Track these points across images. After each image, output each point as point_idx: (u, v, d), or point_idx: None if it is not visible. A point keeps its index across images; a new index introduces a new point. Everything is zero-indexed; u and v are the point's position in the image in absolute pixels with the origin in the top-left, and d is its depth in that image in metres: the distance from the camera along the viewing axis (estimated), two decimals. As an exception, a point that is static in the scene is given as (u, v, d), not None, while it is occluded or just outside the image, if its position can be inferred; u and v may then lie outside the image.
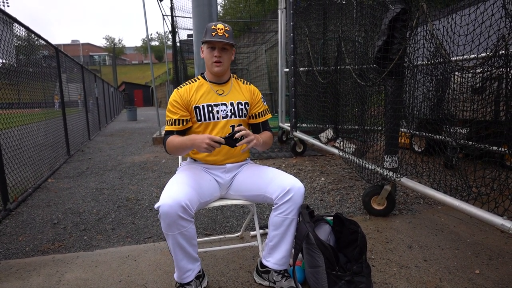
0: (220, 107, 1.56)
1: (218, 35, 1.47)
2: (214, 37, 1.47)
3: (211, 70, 1.56)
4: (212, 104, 1.55)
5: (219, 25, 1.50)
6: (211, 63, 1.53)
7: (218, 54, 1.50)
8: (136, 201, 2.92)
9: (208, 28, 1.50)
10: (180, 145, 1.47)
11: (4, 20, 3.01)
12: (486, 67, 1.61)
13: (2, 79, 2.93)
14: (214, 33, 1.48)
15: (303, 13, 4.18)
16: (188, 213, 1.29)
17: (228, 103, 1.57)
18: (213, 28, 1.48)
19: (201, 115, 1.54)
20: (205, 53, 1.54)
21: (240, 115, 1.59)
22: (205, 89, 1.58)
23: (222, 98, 1.58)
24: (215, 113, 1.55)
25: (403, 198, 2.81)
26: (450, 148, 2.29)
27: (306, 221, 1.40)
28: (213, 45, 1.50)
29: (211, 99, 1.56)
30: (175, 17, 7.95)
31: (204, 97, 1.56)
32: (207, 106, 1.54)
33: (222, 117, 1.56)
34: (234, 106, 1.58)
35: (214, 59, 1.51)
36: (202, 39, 1.53)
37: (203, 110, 1.54)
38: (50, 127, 4.50)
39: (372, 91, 2.62)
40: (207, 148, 1.36)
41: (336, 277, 1.31)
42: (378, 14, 2.36)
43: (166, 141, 1.53)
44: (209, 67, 1.56)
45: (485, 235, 2.06)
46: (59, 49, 5.01)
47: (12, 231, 2.32)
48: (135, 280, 1.65)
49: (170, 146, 1.51)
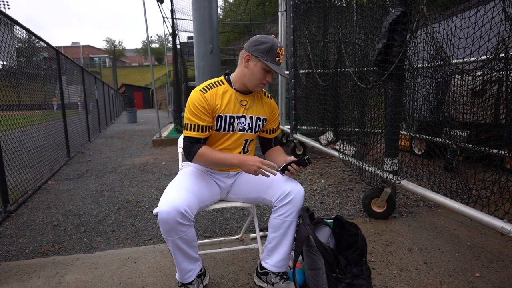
0: (240, 119, 1.50)
1: (280, 62, 1.41)
2: (277, 63, 1.40)
3: (252, 88, 1.46)
4: (234, 115, 1.48)
5: (282, 49, 1.40)
6: (258, 83, 1.43)
7: (271, 79, 1.44)
8: (136, 203, 2.92)
9: (273, 49, 1.37)
10: (222, 161, 1.39)
11: (5, 22, 3.02)
12: (486, 70, 1.62)
13: (2, 81, 2.93)
14: (278, 58, 1.39)
15: (303, 15, 4.20)
16: (187, 218, 1.28)
17: (248, 117, 1.51)
18: (278, 53, 1.38)
19: (221, 126, 1.47)
20: (255, 70, 1.40)
21: (256, 130, 1.56)
22: (230, 97, 1.48)
23: (244, 110, 1.50)
24: (235, 125, 1.49)
25: (403, 200, 2.81)
26: (450, 151, 2.29)
27: (306, 223, 1.40)
28: (271, 70, 1.41)
29: (234, 110, 1.48)
30: (176, 19, 7.97)
31: (229, 107, 1.47)
32: (229, 117, 1.47)
33: (239, 130, 1.51)
34: (253, 121, 1.53)
35: (265, 82, 1.43)
36: (259, 54, 1.38)
37: (225, 121, 1.47)
38: (50, 129, 4.51)
39: (372, 93, 2.63)
40: (256, 172, 1.33)
41: (336, 280, 1.31)
42: (378, 16, 2.37)
43: (199, 151, 1.40)
44: (251, 84, 1.44)
45: (485, 238, 2.06)
46: (59, 51, 5.02)
47: (12, 233, 2.32)
48: (135, 282, 1.64)
49: (205, 158, 1.41)
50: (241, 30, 15.65)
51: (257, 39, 1.40)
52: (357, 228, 1.47)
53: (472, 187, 1.80)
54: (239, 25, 14.25)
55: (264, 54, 1.38)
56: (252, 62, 1.41)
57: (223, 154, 1.42)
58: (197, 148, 1.42)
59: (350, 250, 1.47)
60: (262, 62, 1.38)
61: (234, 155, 1.41)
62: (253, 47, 1.40)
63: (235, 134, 1.51)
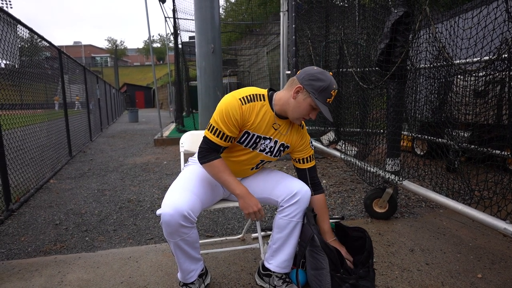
0: (266, 140, 1.44)
1: (330, 103, 1.34)
2: (326, 104, 1.32)
3: (293, 118, 1.39)
4: (262, 136, 1.42)
5: (336, 91, 1.33)
6: (300, 117, 1.37)
7: (315, 117, 1.38)
8: (137, 202, 2.92)
9: (328, 89, 1.30)
10: (227, 183, 1.36)
11: (8, 21, 3.03)
12: (489, 70, 1.61)
13: (5, 80, 2.94)
14: (329, 100, 1.32)
15: (305, 15, 4.20)
16: (189, 220, 1.27)
17: (273, 140, 1.45)
18: (332, 94, 1.31)
19: (245, 141, 1.42)
20: (303, 104, 1.33)
21: (275, 155, 1.49)
22: (265, 116, 1.40)
23: (274, 134, 1.44)
24: (259, 144, 1.44)
25: (404, 201, 2.80)
26: (452, 152, 2.29)
27: (311, 223, 1.39)
28: (318, 109, 1.35)
29: (264, 131, 1.42)
30: (177, 19, 7.98)
31: (260, 126, 1.40)
32: (257, 136, 1.41)
33: (259, 150, 1.46)
34: (276, 145, 1.46)
35: (307, 117, 1.37)
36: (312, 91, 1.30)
37: (250, 138, 1.41)
38: (52, 128, 4.52)
39: (374, 93, 2.62)
40: (247, 215, 1.34)
41: (341, 280, 1.30)
42: (380, 17, 2.36)
43: (213, 162, 1.36)
44: (293, 116, 1.37)
45: (488, 239, 2.05)
46: (61, 51, 5.04)
47: (14, 231, 2.33)
48: (136, 281, 1.65)
49: (215, 171, 1.36)
50: (243, 30, 15.66)
51: (314, 73, 1.31)
52: (362, 231, 1.45)
53: (475, 188, 1.79)
54: (240, 25, 14.26)
55: (317, 92, 1.30)
56: (302, 96, 1.32)
57: (231, 177, 1.36)
58: (213, 158, 1.36)
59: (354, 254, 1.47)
60: (312, 99, 1.31)
61: (239, 186, 1.36)
62: (307, 80, 1.31)
63: (254, 152, 1.46)
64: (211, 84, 4.80)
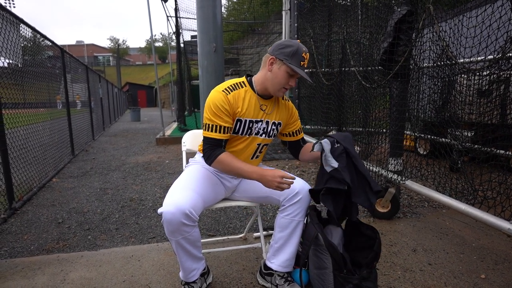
0: (258, 123, 1.47)
1: (304, 66, 1.37)
2: (301, 67, 1.36)
3: (274, 92, 1.42)
4: (253, 120, 1.45)
5: (307, 54, 1.37)
6: (281, 88, 1.39)
7: (295, 84, 1.41)
8: (139, 201, 2.93)
9: (298, 53, 1.34)
10: (241, 172, 1.32)
11: (11, 20, 3.04)
12: (493, 69, 1.60)
13: (8, 79, 2.95)
14: (303, 63, 1.36)
15: (308, 14, 4.18)
16: (191, 219, 1.27)
17: (264, 121, 1.48)
18: (303, 57, 1.35)
19: (239, 129, 1.44)
20: (279, 74, 1.36)
21: (270, 135, 1.52)
22: (251, 100, 1.44)
23: (263, 115, 1.47)
24: (253, 129, 1.47)
25: (407, 201, 2.79)
26: (455, 151, 2.27)
27: (315, 222, 1.39)
28: (295, 74, 1.37)
29: (254, 114, 1.45)
30: (179, 18, 7.98)
31: (249, 111, 1.43)
32: (249, 121, 1.44)
33: (254, 134, 1.48)
34: (268, 125, 1.49)
35: (287, 86, 1.40)
36: (284, 58, 1.34)
37: (244, 125, 1.44)
38: (55, 127, 4.53)
39: (377, 93, 2.61)
40: (277, 187, 1.27)
41: (344, 280, 1.30)
42: (383, 15, 2.35)
43: (219, 157, 1.34)
44: (273, 88, 1.40)
45: (491, 239, 2.04)
46: (64, 50, 5.05)
47: (17, 229, 2.33)
48: (139, 280, 1.65)
49: (225, 166, 1.34)
50: (245, 29, 15.64)
51: (282, 42, 1.37)
52: (375, 231, 1.44)
53: (478, 188, 1.78)
54: (242, 24, 14.25)
55: (289, 57, 1.34)
56: (276, 66, 1.37)
57: (243, 164, 1.34)
58: (219, 153, 1.35)
59: (361, 252, 1.45)
60: (286, 65, 1.34)
61: (254, 169, 1.33)
62: (278, 50, 1.36)
63: (250, 137, 1.48)
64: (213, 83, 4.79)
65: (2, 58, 2.78)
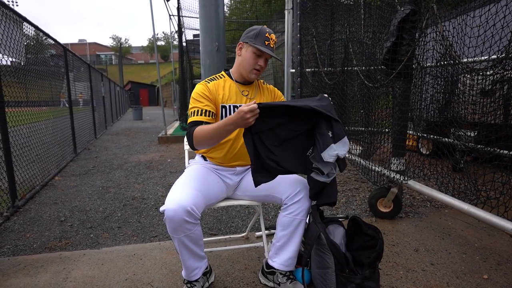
0: None
1: (270, 46, 1.44)
2: (266, 46, 1.43)
3: (246, 75, 1.50)
4: (238, 105, 1.51)
5: (272, 35, 1.46)
6: (251, 69, 1.48)
7: (264, 64, 1.47)
8: (141, 200, 2.93)
9: (261, 33, 1.44)
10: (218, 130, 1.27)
11: (14, 19, 3.05)
12: (497, 69, 1.59)
13: (11, 77, 2.96)
14: (268, 42, 1.44)
15: (310, 13, 4.17)
16: (193, 216, 1.28)
17: None
18: (267, 37, 1.44)
19: (226, 116, 1.47)
20: (247, 55, 1.46)
21: None
22: (231, 87, 1.53)
23: (247, 100, 1.54)
24: None
25: (409, 201, 2.79)
26: (458, 151, 2.26)
27: (317, 221, 1.39)
28: (261, 54, 1.45)
29: (237, 100, 1.52)
30: (182, 17, 7.98)
31: (231, 97, 1.51)
32: (233, 107, 1.50)
33: None
34: None
35: (257, 67, 1.47)
36: (249, 40, 1.45)
37: (229, 111, 1.49)
38: (57, 125, 4.55)
39: (379, 92, 2.60)
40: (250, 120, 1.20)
41: (346, 279, 1.30)
42: (386, 15, 2.34)
43: (194, 131, 1.33)
44: (245, 71, 1.50)
45: (493, 239, 2.03)
46: (67, 48, 5.06)
47: (20, 227, 2.35)
48: (141, 278, 1.66)
49: (203, 135, 1.31)
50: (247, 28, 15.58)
51: (247, 29, 1.50)
52: (377, 231, 1.44)
53: (481, 188, 1.77)
54: (245, 23, 14.21)
55: (253, 38, 1.44)
56: (244, 49, 1.48)
57: (216, 124, 1.29)
58: (193, 130, 1.34)
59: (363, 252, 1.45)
60: (252, 46, 1.44)
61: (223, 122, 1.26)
62: (244, 35, 1.49)
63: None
64: (215, 82, 4.79)
65: (5, 56, 2.79)
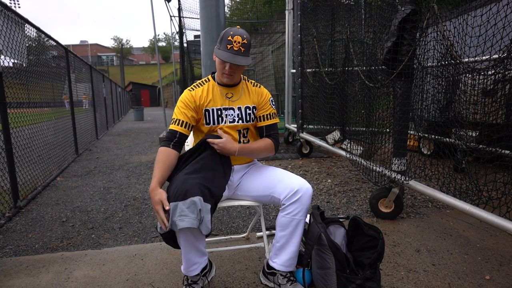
0: (228, 111, 1.54)
1: (234, 49, 1.39)
2: (228, 51, 1.39)
3: (219, 78, 1.54)
4: (221, 108, 1.53)
5: (237, 36, 1.38)
6: (221, 73, 1.49)
7: (229, 70, 1.45)
8: (143, 200, 2.94)
9: (225, 36, 1.40)
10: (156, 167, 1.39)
11: (16, 21, 3.06)
12: (498, 69, 1.58)
13: (13, 78, 2.97)
14: (230, 46, 1.38)
15: (311, 13, 4.17)
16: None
17: (236, 108, 1.55)
18: (229, 40, 1.38)
19: (210, 119, 1.53)
20: (217, 60, 1.47)
21: (247, 119, 1.57)
22: (214, 90, 1.55)
23: (230, 102, 1.55)
24: (223, 117, 1.53)
25: (410, 201, 2.78)
26: (460, 151, 2.26)
27: (318, 221, 1.38)
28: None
29: (220, 103, 1.53)
30: (183, 18, 8.00)
31: (214, 100, 1.53)
32: (216, 110, 1.52)
33: (229, 122, 1.54)
34: (241, 111, 1.55)
35: (225, 71, 1.46)
36: (217, 44, 1.45)
37: (212, 114, 1.52)
38: (59, 126, 4.56)
39: (380, 92, 2.60)
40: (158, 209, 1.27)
41: (347, 280, 1.30)
42: (387, 15, 2.34)
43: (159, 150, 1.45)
44: (218, 74, 1.54)
45: (495, 240, 2.02)
46: (68, 49, 5.08)
47: (22, 228, 2.35)
48: (142, 279, 1.66)
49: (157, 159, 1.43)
50: (248, 29, 15.60)
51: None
52: (378, 232, 1.43)
53: (483, 188, 1.77)
54: (245, 23, 14.22)
55: (219, 43, 1.43)
56: (215, 55, 1.47)
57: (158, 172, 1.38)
58: (161, 145, 1.47)
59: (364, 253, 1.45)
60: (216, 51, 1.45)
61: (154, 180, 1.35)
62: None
63: (225, 126, 1.54)
64: (216, 82, 4.80)
65: (7, 58, 2.80)
